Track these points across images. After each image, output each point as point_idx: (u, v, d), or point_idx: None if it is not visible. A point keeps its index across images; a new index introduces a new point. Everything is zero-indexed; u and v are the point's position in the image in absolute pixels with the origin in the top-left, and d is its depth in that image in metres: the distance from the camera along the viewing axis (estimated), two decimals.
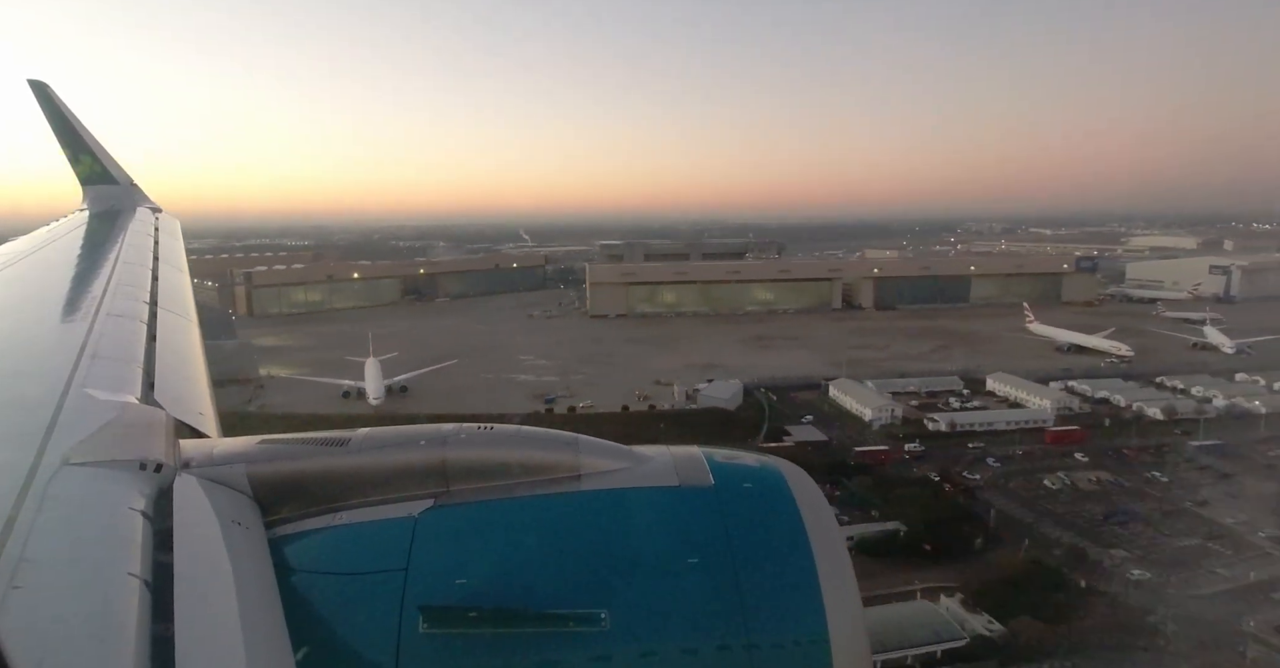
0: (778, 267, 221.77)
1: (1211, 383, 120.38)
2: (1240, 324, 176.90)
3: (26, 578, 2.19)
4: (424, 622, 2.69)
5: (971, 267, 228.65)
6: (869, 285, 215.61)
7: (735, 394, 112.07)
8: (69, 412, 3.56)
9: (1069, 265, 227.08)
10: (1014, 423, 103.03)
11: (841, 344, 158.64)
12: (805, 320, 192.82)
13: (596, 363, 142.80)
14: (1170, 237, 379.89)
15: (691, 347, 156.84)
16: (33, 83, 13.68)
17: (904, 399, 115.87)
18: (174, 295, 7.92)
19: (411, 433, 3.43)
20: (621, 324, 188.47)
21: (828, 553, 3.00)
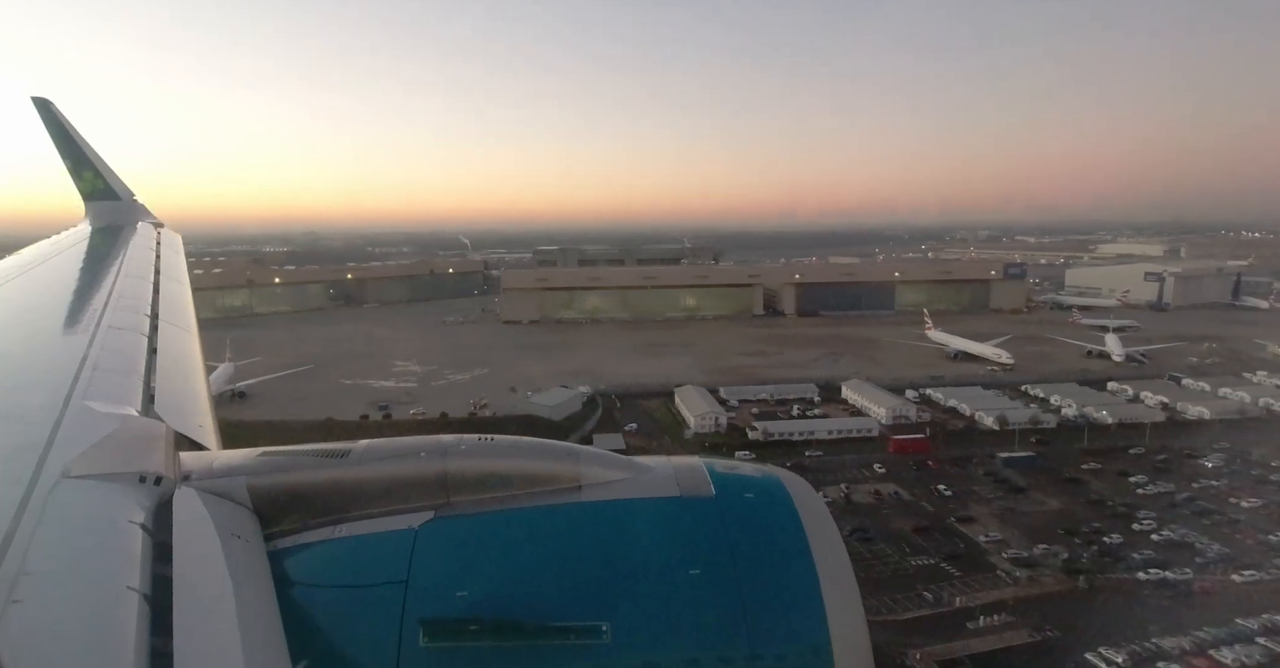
0: (695, 273, 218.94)
1: (1075, 392, 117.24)
2: (1158, 331, 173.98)
3: (26, 592, 2.18)
4: (425, 635, 2.68)
5: (896, 273, 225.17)
6: (791, 291, 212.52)
7: (568, 402, 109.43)
8: (69, 424, 3.55)
9: (997, 273, 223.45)
10: (836, 432, 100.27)
11: (733, 351, 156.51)
12: (718, 327, 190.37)
13: (468, 369, 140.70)
14: (1139, 244, 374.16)
15: (579, 354, 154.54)
16: (36, 100, 13.56)
17: (751, 406, 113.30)
18: (175, 309, 7.89)
19: (412, 445, 3.43)
20: (529, 331, 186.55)
21: (830, 563, 3.00)
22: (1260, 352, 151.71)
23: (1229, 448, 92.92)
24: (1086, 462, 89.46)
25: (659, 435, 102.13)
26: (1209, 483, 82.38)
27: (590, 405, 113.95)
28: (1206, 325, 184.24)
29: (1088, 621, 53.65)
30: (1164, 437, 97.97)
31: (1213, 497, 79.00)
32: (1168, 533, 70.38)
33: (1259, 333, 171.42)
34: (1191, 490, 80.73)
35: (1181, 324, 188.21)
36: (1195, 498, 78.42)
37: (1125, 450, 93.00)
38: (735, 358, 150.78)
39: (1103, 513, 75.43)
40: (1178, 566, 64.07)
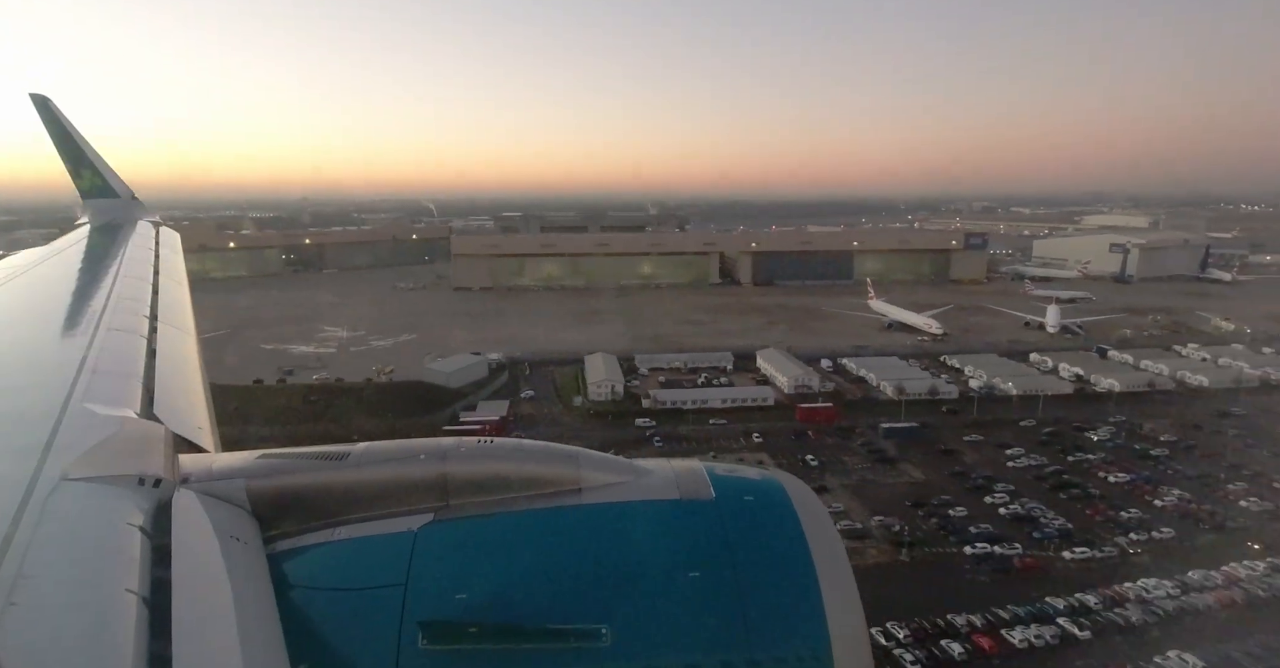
0: (650, 241, 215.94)
1: (993, 363, 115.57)
2: (1111, 303, 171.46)
3: (24, 595, 2.18)
4: (423, 637, 2.67)
5: (855, 242, 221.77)
6: (747, 260, 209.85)
7: (469, 369, 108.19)
8: (68, 426, 3.55)
9: (957, 243, 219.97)
10: (730, 401, 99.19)
11: (673, 319, 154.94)
12: (669, 295, 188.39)
13: (395, 335, 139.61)
14: (1125, 217, 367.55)
15: (516, 320, 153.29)
16: (34, 97, 13.38)
17: (663, 374, 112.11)
18: (174, 310, 7.78)
19: (411, 447, 3.42)
20: (477, 297, 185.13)
21: (830, 566, 3.00)
22: (1204, 324, 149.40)
23: (1122, 421, 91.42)
24: (970, 433, 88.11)
25: (554, 402, 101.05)
26: (1084, 457, 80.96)
27: (499, 372, 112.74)
28: (1162, 297, 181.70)
29: (890, 594, 52.49)
30: (1064, 409, 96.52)
31: (1082, 471, 77.64)
32: (1016, 507, 69.15)
33: (1210, 305, 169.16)
34: (1063, 464, 79.41)
35: (1137, 296, 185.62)
36: (1063, 472, 77.06)
37: (1016, 422, 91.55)
38: (672, 326, 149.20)
39: (961, 485, 74.27)
40: (1010, 540, 62.91)
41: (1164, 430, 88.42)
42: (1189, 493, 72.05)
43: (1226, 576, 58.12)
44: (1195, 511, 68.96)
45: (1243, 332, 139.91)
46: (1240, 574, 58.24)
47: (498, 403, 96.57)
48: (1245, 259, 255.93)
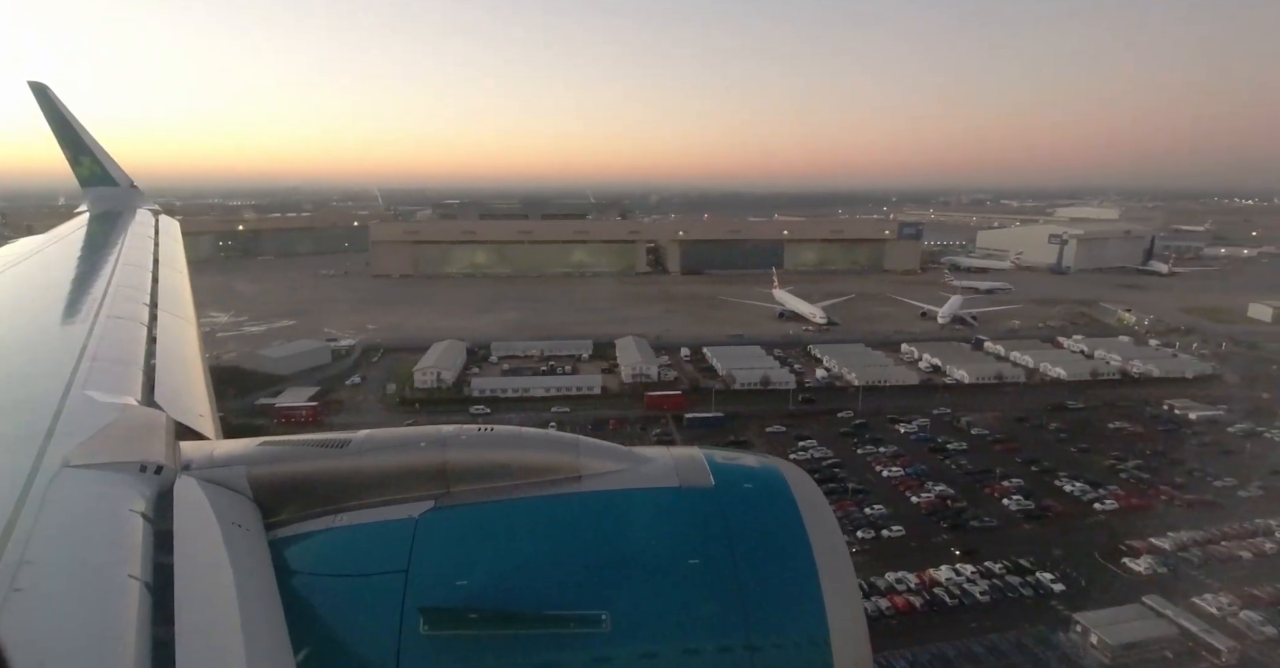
0: (573, 228, 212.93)
1: (856, 353, 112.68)
2: (1033, 294, 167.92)
3: (27, 581, 2.19)
4: (425, 624, 2.69)
5: (785, 231, 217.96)
6: (675, 249, 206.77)
7: (303, 355, 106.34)
8: (69, 414, 3.56)
9: (891, 232, 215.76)
10: (555, 390, 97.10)
11: (576, 308, 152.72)
12: (589, 283, 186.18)
13: (272, 321, 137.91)
14: (1096, 209, 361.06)
15: (410, 308, 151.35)
16: (33, 84, 13.30)
17: (516, 362, 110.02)
18: (174, 297, 7.76)
19: (412, 435, 3.44)
20: (392, 284, 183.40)
21: (828, 553, 3.02)
22: (1109, 317, 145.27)
23: (945, 413, 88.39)
24: (777, 424, 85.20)
25: (377, 390, 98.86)
26: (875, 450, 78.09)
27: (344, 359, 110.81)
28: (1087, 289, 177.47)
29: None
30: (899, 399, 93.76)
31: (861, 464, 74.85)
32: None
33: (1130, 297, 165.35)
34: (850, 457, 76.52)
35: (1063, 287, 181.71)
36: (840, 465, 74.15)
37: (834, 413, 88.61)
38: (569, 314, 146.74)
39: None
40: None
41: (981, 424, 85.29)
42: (954, 490, 69.04)
43: (925, 579, 54.92)
44: (948, 508, 65.92)
45: (1140, 324, 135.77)
46: (941, 578, 55.04)
47: (304, 389, 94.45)
48: (1199, 251, 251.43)
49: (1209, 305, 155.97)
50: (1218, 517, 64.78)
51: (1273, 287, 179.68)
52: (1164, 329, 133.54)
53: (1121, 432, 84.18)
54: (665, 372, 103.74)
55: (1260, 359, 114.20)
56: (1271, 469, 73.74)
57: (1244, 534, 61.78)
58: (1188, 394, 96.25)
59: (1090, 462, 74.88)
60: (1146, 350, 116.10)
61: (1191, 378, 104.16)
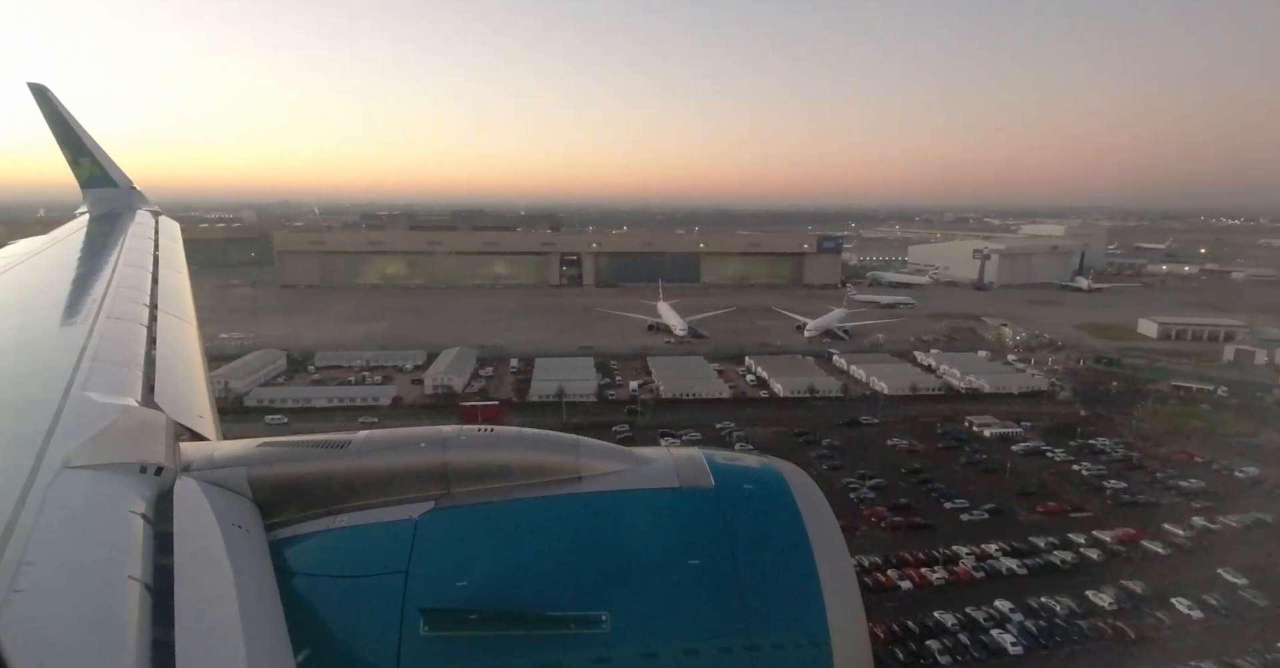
0: (484, 240, 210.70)
1: (687, 366, 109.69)
2: (940, 309, 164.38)
3: (27, 581, 2.19)
4: (425, 624, 2.69)
5: (701, 244, 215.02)
6: (590, 261, 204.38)
7: None
8: (69, 415, 3.56)
9: (810, 246, 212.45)
10: (338, 400, 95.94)
11: (463, 320, 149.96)
12: (494, 295, 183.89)
13: None
14: (1050, 226, 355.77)
15: (287, 319, 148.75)
16: (33, 86, 13.32)
17: (339, 372, 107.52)
18: (174, 298, 7.78)
19: (411, 436, 3.45)
20: (293, 295, 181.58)
21: (829, 554, 3.02)
22: (989, 332, 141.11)
23: (725, 426, 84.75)
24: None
25: None
26: None
27: None
28: (996, 304, 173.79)
29: None
30: (697, 412, 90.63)
31: None
32: None
33: (1034, 312, 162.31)
34: None
35: (973, 303, 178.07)
36: None
37: (609, 426, 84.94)
38: (449, 326, 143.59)
39: None
40: None
41: (755, 438, 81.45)
42: None
43: None
44: None
45: (1013, 339, 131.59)
46: None
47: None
48: (1142, 268, 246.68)
49: (1106, 321, 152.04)
50: (921, 540, 60.60)
51: (1186, 303, 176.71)
52: (1037, 344, 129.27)
53: (896, 448, 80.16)
54: (482, 383, 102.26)
55: (1108, 376, 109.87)
56: (1019, 491, 69.63)
57: (920, 563, 57.53)
58: (1004, 410, 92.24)
59: (831, 479, 70.87)
60: (994, 366, 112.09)
61: (1017, 393, 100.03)
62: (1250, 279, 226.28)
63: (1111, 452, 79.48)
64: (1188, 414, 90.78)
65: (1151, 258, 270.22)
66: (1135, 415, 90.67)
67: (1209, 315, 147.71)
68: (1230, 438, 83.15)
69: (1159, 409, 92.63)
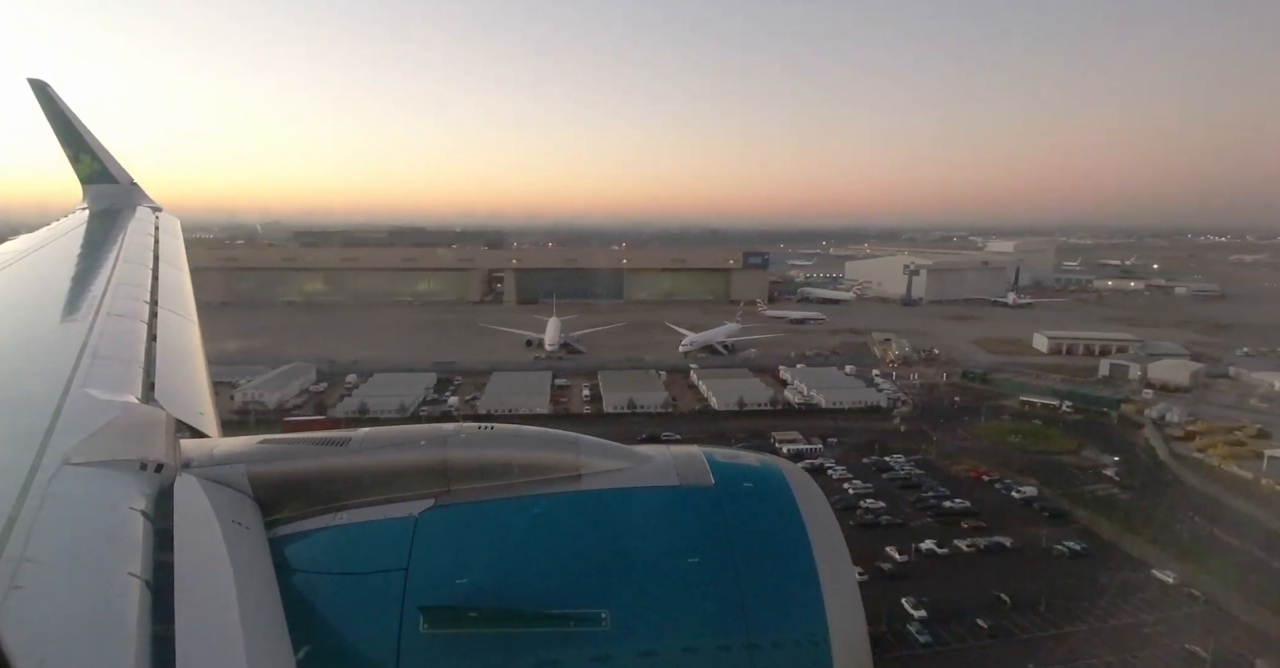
0: (403, 256, 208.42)
1: (524, 381, 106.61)
2: (837, 324, 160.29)
3: (27, 578, 2.19)
4: (425, 622, 2.70)
5: (625, 260, 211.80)
6: (511, 278, 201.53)
7: None
8: (70, 411, 3.56)
9: (735, 262, 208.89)
10: None
11: (338, 335, 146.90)
12: (400, 312, 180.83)
13: None
14: (1003, 243, 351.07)
15: None
16: (33, 82, 13.35)
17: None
18: (174, 295, 7.83)
19: (412, 433, 3.43)
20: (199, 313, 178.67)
21: (828, 553, 3.02)
22: (874, 346, 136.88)
23: None
24: None
25: None
26: None
27: None
28: (908, 320, 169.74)
29: None
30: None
31: None
32: None
33: (947, 328, 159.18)
34: None
35: (890, 318, 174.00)
36: None
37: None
38: (328, 342, 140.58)
39: None
40: None
41: None
42: None
43: None
44: None
45: (890, 354, 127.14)
46: None
47: None
48: (1088, 284, 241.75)
49: (1008, 336, 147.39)
50: None
51: (1105, 318, 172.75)
52: (917, 359, 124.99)
53: None
54: (308, 397, 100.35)
55: (963, 391, 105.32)
56: None
57: None
58: (827, 426, 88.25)
59: None
60: (850, 381, 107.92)
61: (852, 409, 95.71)
62: (1191, 294, 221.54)
63: (898, 469, 75.17)
64: (1011, 431, 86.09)
65: (1108, 274, 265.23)
66: (957, 432, 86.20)
67: (1105, 330, 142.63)
68: (1040, 455, 78.50)
69: (987, 426, 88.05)
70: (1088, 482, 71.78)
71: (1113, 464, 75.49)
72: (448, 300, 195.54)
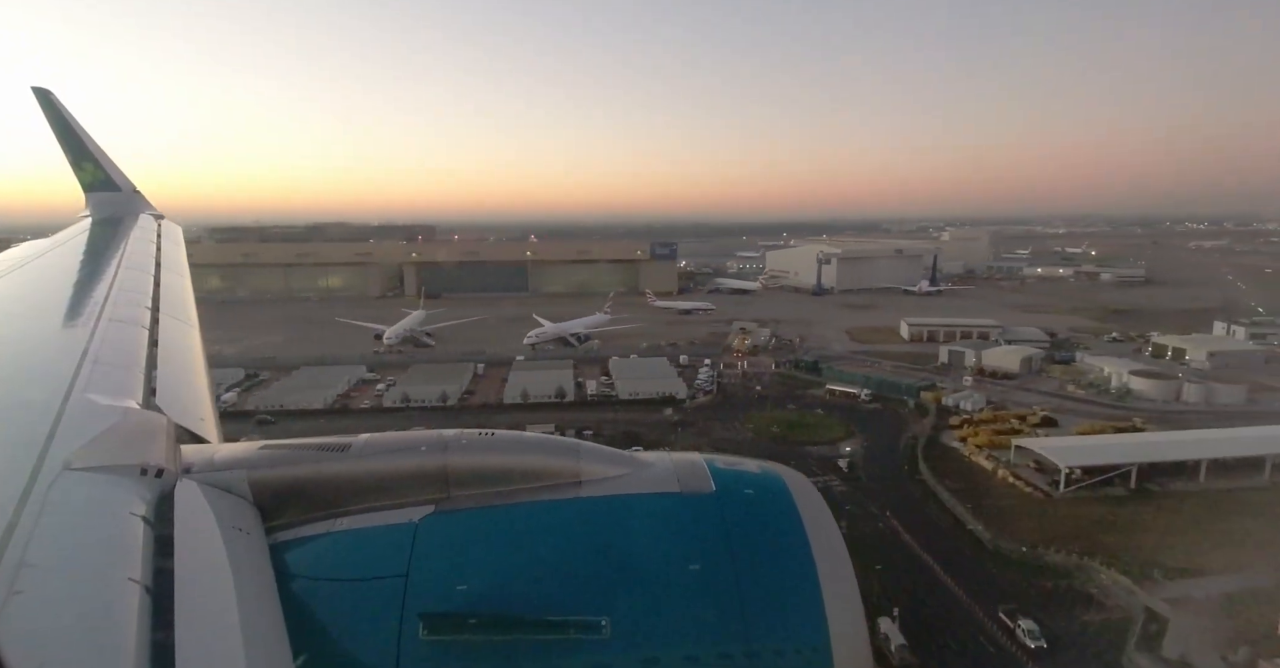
0: (297, 251, 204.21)
1: (311, 375, 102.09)
2: (733, 314, 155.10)
3: (27, 583, 2.19)
4: (424, 629, 2.69)
5: (528, 253, 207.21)
6: (412, 272, 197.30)
7: None
8: (71, 417, 3.57)
9: (643, 252, 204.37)
10: None
11: (215, 334, 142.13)
12: (287, 307, 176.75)
13: None
14: (968, 231, 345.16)
15: None
16: (36, 90, 13.37)
17: None
18: (176, 301, 7.85)
19: (412, 439, 3.44)
20: None
21: (829, 559, 3.01)
22: (733, 336, 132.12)
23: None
24: None
25: None
26: None
27: None
28: (798, 310, 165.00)
29: None
30: (237, 422, 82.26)
31: None
32: None
33: (825, 316, 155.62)
34: None
35: (782, 307, 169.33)
36: None
37: None
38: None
39: None
40: None
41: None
42: None
43: None
44: None
45: (742, 344, 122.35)
46: None
47: None
48: (1018, 271, 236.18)
49: (883, 324, 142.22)
50: None
51: (1006, 304, 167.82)
52: (771, 347, 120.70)
53: None
54: None
55: (783, 380, 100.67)
56: None
57: None
58: (607, 417, 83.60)
59: None
60: (665, 371, 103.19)
61: (647, 399, 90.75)
62: (1115, 280, 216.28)
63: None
64: (785, 421, 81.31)
65: (1048, 261, 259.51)
66: (733, 422, 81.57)
67: (966, 317, 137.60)
68: (795, 446, 73.77)
69: (767, 415, 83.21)
70: (813, 473, 66.84)
71: (850, 456, 70.59)
72: (349, 296, 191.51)
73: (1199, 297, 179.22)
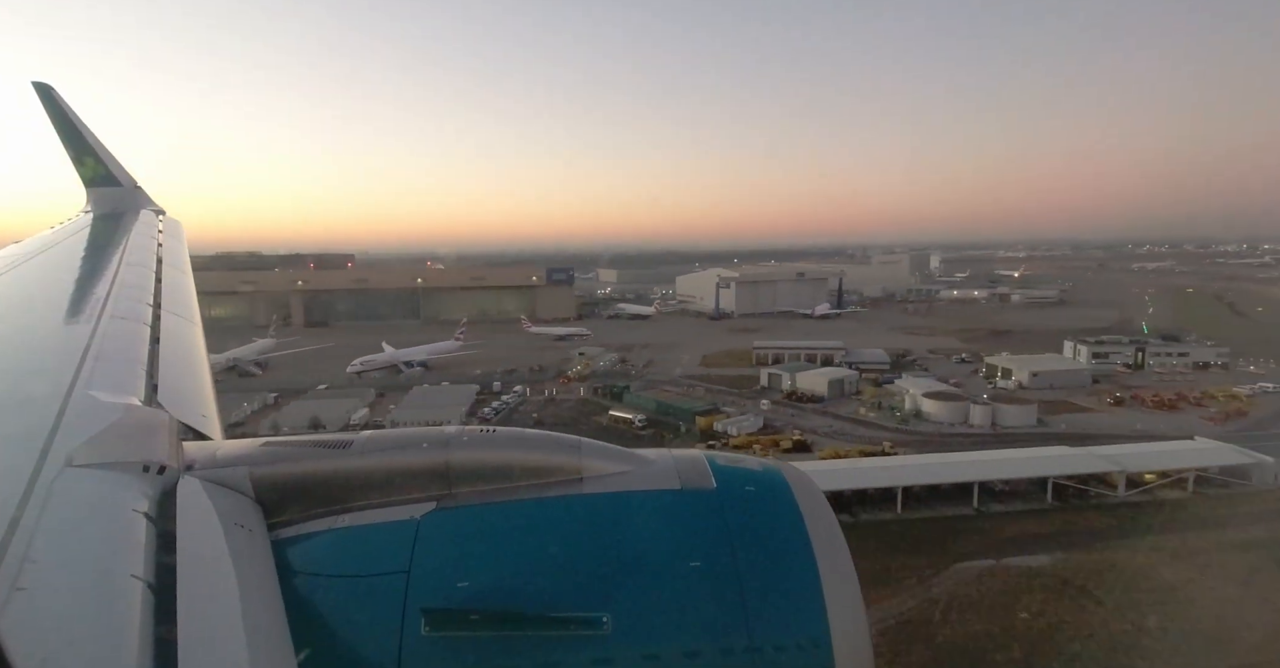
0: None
1: None
2: (604, 340, 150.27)
3: (30, 580, 2.19)
4: (426, 624, 2.70)
5: (419, 279, 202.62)
6: (297, 300, 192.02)
7: None
8: (72, 413, 3.55)
9: (539, 278, 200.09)
10: None
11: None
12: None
13: None
14: (915, 255, 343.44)
15: None
16: (37, 85, 13.16)
17: None
18: (177, 297, 7.79)
19: (414, 436, 3.45)
20: None
21: (830, 557, 3.02)
22: (576, 361, 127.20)
23: None
24: None
25: None
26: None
27: None
28: (679, 333, 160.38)
29: None
30: None
31: None
32: None
33: (698, 341, 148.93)
34: None
35: (670, 332, 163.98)
36: None
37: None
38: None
39: None
40: None
41: None
42: None
43: None
44: None
45: (575, 370, 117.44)
46: None
47: None
48: (935, 294, 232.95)
49: (744, 348, 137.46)
50: None
51: (894, 327, 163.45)
52: (598, 373, 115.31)
53: None
54: None
55: (587, 405, 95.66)
56: None
57: None
58: None
59: None
60: (462, 398, 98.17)
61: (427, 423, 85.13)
62: (1024, 301, 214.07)
63: None
64: None
65: (973, 285, 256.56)
66: None
67: (812, 339, 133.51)
68: None
69: None
70: None
71: None
72: (233, 326, 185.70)
73: (1099, 317, 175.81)
